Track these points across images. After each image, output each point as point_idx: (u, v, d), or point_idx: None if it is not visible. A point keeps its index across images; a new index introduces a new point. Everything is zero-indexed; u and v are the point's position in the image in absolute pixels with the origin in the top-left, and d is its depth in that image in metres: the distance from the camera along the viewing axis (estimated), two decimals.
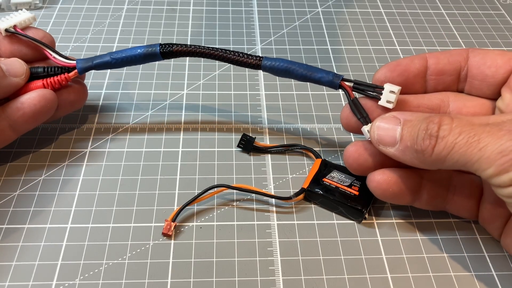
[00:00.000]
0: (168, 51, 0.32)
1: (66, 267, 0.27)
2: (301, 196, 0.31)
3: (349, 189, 0.30)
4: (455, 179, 0.29)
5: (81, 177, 0.32)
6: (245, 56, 0.31)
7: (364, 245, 0.29)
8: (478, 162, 0.23)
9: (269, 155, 0.34)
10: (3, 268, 0.27)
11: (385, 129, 0.27)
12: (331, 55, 0.43)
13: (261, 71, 0.32)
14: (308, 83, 0.35)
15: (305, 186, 0.31)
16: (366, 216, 0.30)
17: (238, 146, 0.34)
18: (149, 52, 0.31)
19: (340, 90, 0.30)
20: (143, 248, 0.28)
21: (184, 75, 0.40)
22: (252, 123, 0.37)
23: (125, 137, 0.35)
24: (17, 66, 0.30)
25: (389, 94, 0.28)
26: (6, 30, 0.31)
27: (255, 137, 0.34)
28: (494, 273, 0.28)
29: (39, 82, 0.31)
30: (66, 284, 0.26)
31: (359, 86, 0.30)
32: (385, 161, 0.29)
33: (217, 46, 0.32)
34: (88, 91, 0.34)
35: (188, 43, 0.32)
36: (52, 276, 0.27)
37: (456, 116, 0.24)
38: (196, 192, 0.31)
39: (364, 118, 0.29)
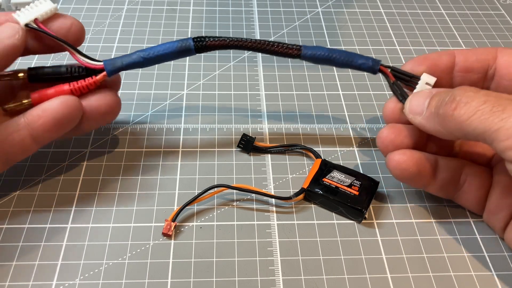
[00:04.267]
0: (202, 46, 0.30)
1: (66, 267, 0.27)
2: (301, 196, 0.31)
3: (349, 189, 0.30)
4: (467, 168, 0.29)
5: (81, 177, 0.32)
6: (284, 46, 0.31)
7: (364, 245, 0.29)
8: (497, 132, 0.23)
9: (269, 155, 0.34)
10: (3, 268, 0.27)
11: (418, 99, 0.28)
12: None
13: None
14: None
15: (305, 186, 0.31)
16: (366, 216, 0.30)
17: (238, 146, 0.34)
18: (183, 48, 0.30)
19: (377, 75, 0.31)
20: (143, 248, 0.28)
21: (184, 75, 0.40)
22: (252, 123, 0.37)
23: (125, 137, 0.35)
24: (5, 30, 0.27)
25: (425, 85, 0.29)
26: (27, 26, 0.28)
27: (255, 137, 0.34)
28: (494, 273, 0.28)
29: (65, 86, 0.29)
30: (66, 284, 0.26)
31: (396, 73, 0.30)
32: (419, 144, 0.29)
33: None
34: None
35: (222, 36, 0.31)
36: (52, 276, 0.27)
37: (485, 90, 0.25)
38: (196, 192, 0.31)
39: (406, 99, 0.29)
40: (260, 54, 0.43)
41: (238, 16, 0.48)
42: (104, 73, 0.30)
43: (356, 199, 0.30)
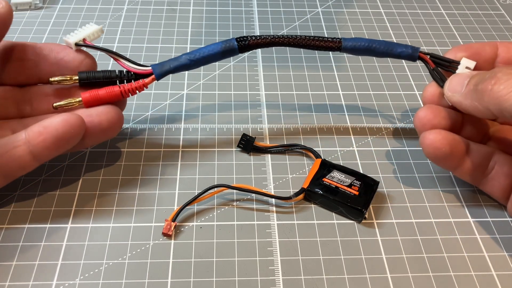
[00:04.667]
0: (245, 45, 0.31)
1: (66, 267, 0.27)
2: (301, 196, 0.31)
3: (349, 189, 0.30)
4: (496, 156, 0.30)
5: (81, 177, 0.32)
6: (324, 39, 0.32)
7: (364, 245, 0.29)
8: None
9: (269, 155, 0.34)
10: (3, 268, 0.27)
11: (458, 78, 0.29)
12: (331, 55, 0.43)
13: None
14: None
15: (305, 186, 0.31)
16: (366, 216, 0.30)
17: (238, 146, 0.34)
18: (227, 48, 0.31)
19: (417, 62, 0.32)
20: (143, 248, 0.28)
21: (184, 75, 0.40)
22: (252, 123, 0.37)
23: (125, 137, 0.35)
24: None
25: (465, 69, 0.30)
26: (76, 44, 0.31)
27: (255, 137, 0.34)
28: (494, 273, 0.28)
29: (115, 88, 0.30)
30: (66, 284, 0.26)
31: (435, 60, 0.31)
32: (455, 127, 0.30)
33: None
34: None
35: (263, 34, 0.32)
36: (52, 276, 0.27)
37: None
38: (196, 192, 0.31)
39: None
40: (260, 54, 0.43)
41: (238, 16, 0.48)
42: (153, 76, 0.31)
43: (356, 199, 0.30)
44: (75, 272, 0.27)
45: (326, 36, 0.46)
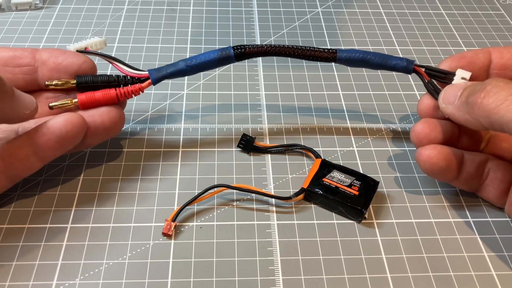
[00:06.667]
0: (242, 53, 0.31)
1: (66, 267, 0.27)
2: (301, 196, 0.31)
3: (349, 189, 0.30)
4: (491, 162, 0.30)
5: (81, 177, 0.32)
6: (320, 50, 0.32)
7: (364, 245, 0.29)
8: None
9: (269, 155, 0.34)
10: (3, 268, 0.27)
11: (452, 90, 0.28)
12: None
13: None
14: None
15: (305, 186, 0.31)
16: (366, 216, 0.30)
17: (238, 146, 0.34)
18: (223, 56, 0.31)
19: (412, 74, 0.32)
20: (143, 248, 0.28)
21: None
22: (252, 123, 0.37)
23: (125, 137, 0.35)
24: (27, 100, 0.27)
25: (461, 80, 0.30)
26: (77, 51, 0.31)
27: (255, 137, 0.34)
28: (494, 273, 0.28)
29: (112, 91, 0.30)
30: (66, 284, 0.26)
31: (430, 72, 0.31)
32: (451, 140, 0.30)
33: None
34: None
35: (260, 44, 0.32)
36: (52, 276, 0.27)
37: None
38: (196, 192, 0.31)
39: None
40: None
41: (238, 16, 0.48)
42: (149, 80, 0.31)
43: (356, 199, 0.30)
44: (75, 272, 0.27)
45: (325, 36, 0.46)
